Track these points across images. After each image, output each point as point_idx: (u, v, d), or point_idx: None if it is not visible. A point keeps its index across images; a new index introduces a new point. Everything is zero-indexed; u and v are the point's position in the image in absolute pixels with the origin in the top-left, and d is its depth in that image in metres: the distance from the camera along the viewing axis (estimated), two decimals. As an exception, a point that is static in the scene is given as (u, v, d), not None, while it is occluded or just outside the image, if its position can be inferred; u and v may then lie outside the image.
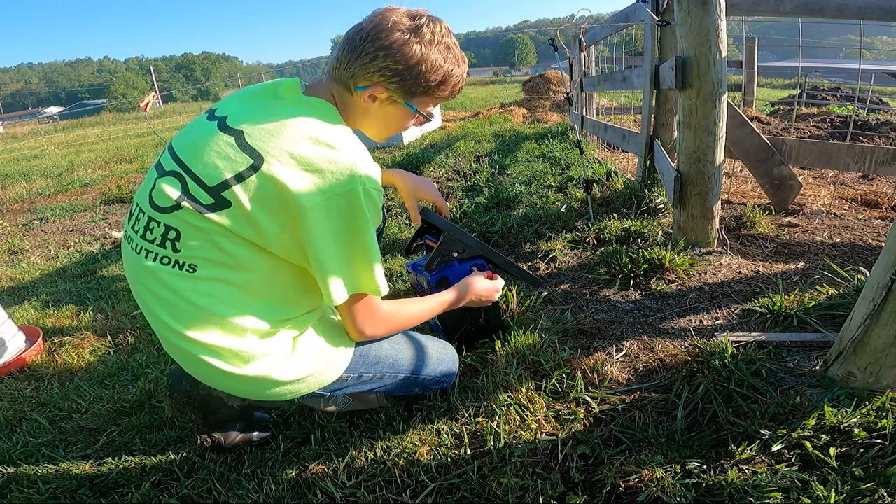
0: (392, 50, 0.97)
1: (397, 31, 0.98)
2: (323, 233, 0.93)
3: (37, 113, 44.07)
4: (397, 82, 1.01)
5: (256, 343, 0.99)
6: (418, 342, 1.27)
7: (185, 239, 0.94)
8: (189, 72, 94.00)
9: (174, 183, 0.95)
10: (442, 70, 1.02)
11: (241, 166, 0.91)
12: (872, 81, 9.98)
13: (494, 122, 7.38)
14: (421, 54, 0.99)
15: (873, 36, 45.22)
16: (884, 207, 2.62)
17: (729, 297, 1.72)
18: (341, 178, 0.92)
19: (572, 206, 2.80)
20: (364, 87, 1.01)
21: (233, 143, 0.93)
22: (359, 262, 0.98)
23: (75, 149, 11.19)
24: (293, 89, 1.02)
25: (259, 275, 0.97)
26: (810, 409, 1.12)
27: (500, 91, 16.80)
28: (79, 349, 1.94)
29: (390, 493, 1.10)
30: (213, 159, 0.93)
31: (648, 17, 2.60)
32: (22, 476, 1.26)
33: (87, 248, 3.57)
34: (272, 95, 1.01)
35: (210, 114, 1.03)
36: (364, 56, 0.98)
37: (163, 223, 0.95)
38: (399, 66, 0.99)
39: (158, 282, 0.96)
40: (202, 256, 0.94)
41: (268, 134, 0.93)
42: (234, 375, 0.99)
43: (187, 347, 0.97)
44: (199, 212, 0.93)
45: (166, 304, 0.96)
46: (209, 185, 0.93)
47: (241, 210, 0.92)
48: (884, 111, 6.64)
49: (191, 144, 0.98)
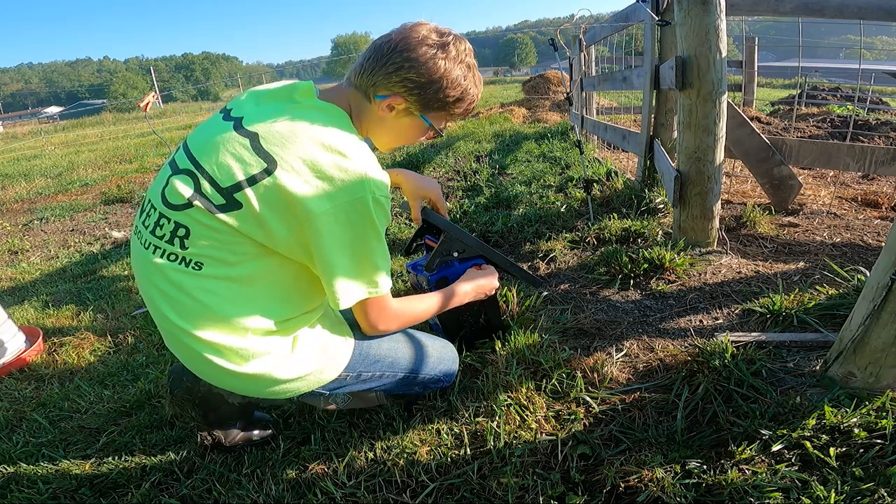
0: (418, 63, 1.00)
1: (425, 45, 1.01)
2: (332, 239, 0.94)
3: (37, 113, 44.09)
4: (417, 94, 1.03)
5: (257, 341, 1.00)
6: (418, 341, 1.27)
7: (195, 237, 0.95)
8: (189, 72, 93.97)
9: (187, 181, 0.96)
10: (461, 88, 1.05)
11: (254, 169, 0.92)
12: (872, 81, 9.99)
13: (494, 122, 7.38)
14: (444, 70, 1.02)
15: (873, 36, 45.23)
16: (884, 207, 2.62)
17: (729, 297, 1.72)
18: (352, 185, 0.93)
19: (572, 206, 2.80)
20: (384, 97, 1.03)
21: (247, 146, 0.94)
22: (367, 267, 1.00)
23: (75, 149, 11.19)
24: (308, 93, 1.03)
25: (264, 274, 0.98)
26: (810, 409, 1.12)
27: (500, 91, 16.81)
28: (79, 349, 1.94)
29: (390, 493, 1.10)
30: (226, 160, 0.94)
31: (648, 16, 2.60)
32: (22, 476, 1.26)
33: (87, 248, 3.57)
34: (288, 98, 1.02)
35: (226, 113, 1.04)
36: (390, 65, 1.01)
37: (173, 220, 0.96)
38: (422, 78, 1.01)
39: (164, 278, 0.97)
40: (209, 255, 0.95)
41: (282, 138, 0.94)
42: (235, 373, 1.00)
43: (190, 344, 0.98)
44: (210, 211, 0.94)
45: (171, 301, 0.97)
46: (222, 185, 0.94)
47: (252, 212, 0.93)
48: (884, 111, 6.64)
49: (206, 143, 0.98)
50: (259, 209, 0.92)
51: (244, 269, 0.97)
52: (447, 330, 1.47)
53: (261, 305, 0.99)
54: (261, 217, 0.93)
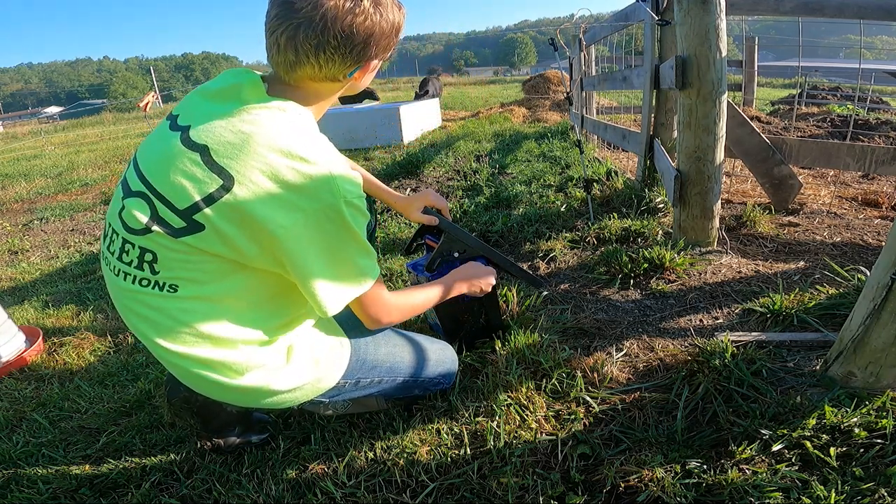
0: (363, 30, 0.89)
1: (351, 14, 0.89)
2: (305, 249, 0.88)
3: (37, 113, 44.07)
4: (380, 51, 0.94)
5: (250, 353, 0.96)
6: (416, 344, 1.26)
7: (163, 260, 0.90)
8: (189, 72, 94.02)
9: (141, 206, 0.89)
10: (396, 19, 0.95)
11: (210, 187, 0.85)
12: (872, 81, 9.98)
13: (494, 122, 7.38)
14: (379, 20, 0.91)
15: (873, 35, 45.19)
16: (884, 207, 2.62)
17: (729, 297, 1.72)
18: (318, 192, 0.86)
19: (572, 206, 2.80)
20: (354, 71, 0.95)
21: (198, 161, 0.86)
22: (349, 270, 0.94)
23: (75, 149, 11.19)
24: (257, 90, 0.92)
25: (243, 288, 0.94)
26: (810, 408, 1.12)
27: (500, 91, 16.80)
28: (79, 349, 1.94)
29: (390, 493, 1.10)
30: (179, 180, 0.86)
31: (648, 16, 2.59)
32: (22, 476, 1.26)
33: (87, 248, 3.57)
34: (235, 98, 0.91)
35: (172, 121, 0.95)
36: (344, 48, 0.90)
37: (138, 245, 0.90)
38: (374, 38, 0.91)
39: (140, 303, 0.93)
40: (182, 277, 0.90)
41: (235, 149, 0.86)
42: (230, 386, 0.97)
43: (178, 362, 0.94)
44: (172, 235, 0.87)
45: (151, 323, 0.93)
46: (178, 207, 0.87)
47: (216, 232, 0.86)
48: (884, 110, 6.63)
49: (155, 161, 0.91)
50: (223, 228, 0.86)
51: (221, 287, 0.92)
52: (447, 330, 1.47)
53: (246, 317, 0.95)
54: (226, 236, 0.86)
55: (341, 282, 0.94)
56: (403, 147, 5.83)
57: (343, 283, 0.94)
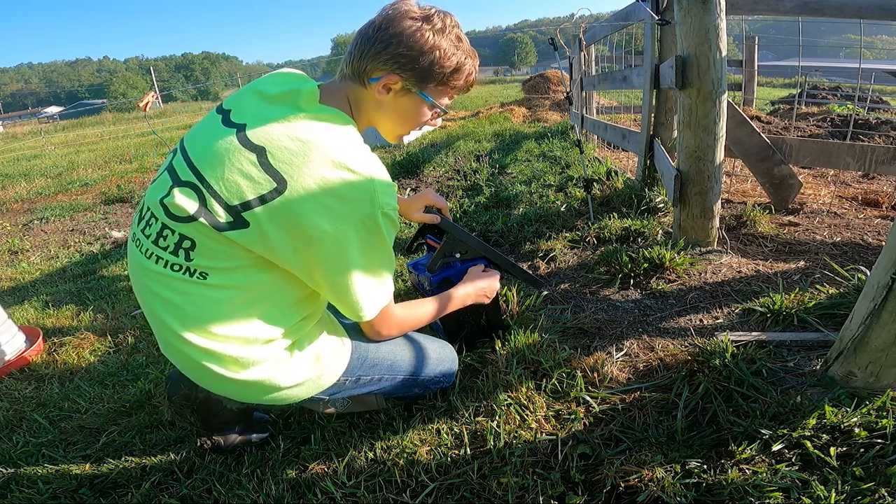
0: (404, 36, 0.97)
1: (409, 18, 0.98)
2: (342, 256, 0.92)
3: (37, 113, 44.04)
4: (411, 69, 1.00)
5: (256, 349, 0.98)
6: (417, 343, 1.26)
7: (201, 249, 0.93)
8: (189, 72, 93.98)
9: (191, 195, 0.92)
10: (455, 58, 1.02)
11: (264, 189, 0.89)
12: (873, 80, 9.98)
13: (494, 122, 7.38)
14: (434, 41, 0.99)
15: (873, 35, 45.15)
16: (884, 206, 2.62)
17: (729, 297, 1.72)
18: (361, 202, 0.91)
19: (572, 206, 2.80)
20: (377, 78, 1.01)
21: (255, 162, 0.90)
22: (375, 280, 0.99)
23: (75, 149, 11.19)
24: (313, 99, 0.98)
25: (268, 282, 0.97)
26: (811, 408, 1.12)
27: (500, 90, 16.80)
28: (79, 349, 1.94)
29: (390, 493, 1.10)
30: (235, 177, 0.90)
31: (648, 16, 2.59)
32: (22, 476, 1.26)
33: (87, 248, 3.57)
34: (292, 104, 0.96)
35: (224, 115, 0.98)
36: (377, 44, 0.98)
37: (178, 232, 0.93)
38: (412, 51, 0.98)
39: (167, 287, 0.95)
40: (214, 266, 0.94)
41: (291, 155, 0.90)
42: (232, 380, 0.99)
43: (188, 352, 0.97)
44: (216, 228, 0.91)
45: (172, 309, 0.95)
46: (229, 203, 0.91)
47: (259, 231, 0.91)
48: (884, 110, 6.63)
49: (209, 155, 0.94)
50: (266, 228, 0.90)
51: (249, 279, 0.95)
52: (448, 331, 1.47)
53: (263, 313, 0.98)
54: (267, 235, 0.91)
55: (373, 288, 0.99)
56: (403, 147, 5.84)
57: (375, 290, 1.00)
